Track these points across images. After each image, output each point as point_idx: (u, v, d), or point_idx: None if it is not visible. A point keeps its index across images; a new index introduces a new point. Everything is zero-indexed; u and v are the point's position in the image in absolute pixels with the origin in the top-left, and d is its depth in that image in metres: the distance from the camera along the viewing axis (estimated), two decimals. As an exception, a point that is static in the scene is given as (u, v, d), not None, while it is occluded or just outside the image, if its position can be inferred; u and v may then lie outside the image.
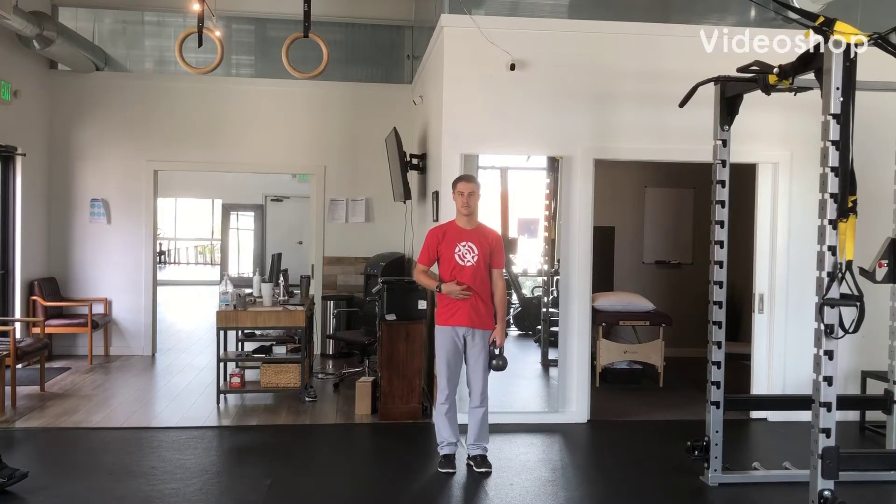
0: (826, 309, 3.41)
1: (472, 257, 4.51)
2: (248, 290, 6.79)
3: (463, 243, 4.52)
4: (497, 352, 4.56)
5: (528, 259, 8.99)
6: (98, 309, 8.12)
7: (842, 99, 3.38)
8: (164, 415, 5.94)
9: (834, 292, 3.42)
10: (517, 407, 6.16)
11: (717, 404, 4.47)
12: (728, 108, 4.47)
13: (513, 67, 5.56)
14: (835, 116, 3.39)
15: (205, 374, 7.25)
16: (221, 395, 6.20)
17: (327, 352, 8.46)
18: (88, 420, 5.67)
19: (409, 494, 4.31)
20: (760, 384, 5.97)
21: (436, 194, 6.01)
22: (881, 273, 3.95)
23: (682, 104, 4.46)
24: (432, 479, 4.53)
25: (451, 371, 4.59)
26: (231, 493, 4.27)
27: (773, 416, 5.94)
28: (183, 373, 7.43)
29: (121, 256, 8.21)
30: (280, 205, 16.10)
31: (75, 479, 4.44)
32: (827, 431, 3.42)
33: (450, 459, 4.62)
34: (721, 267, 4.49)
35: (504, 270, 4.69)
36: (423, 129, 7.16)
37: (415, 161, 7.01)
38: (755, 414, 6.01)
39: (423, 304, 5.76)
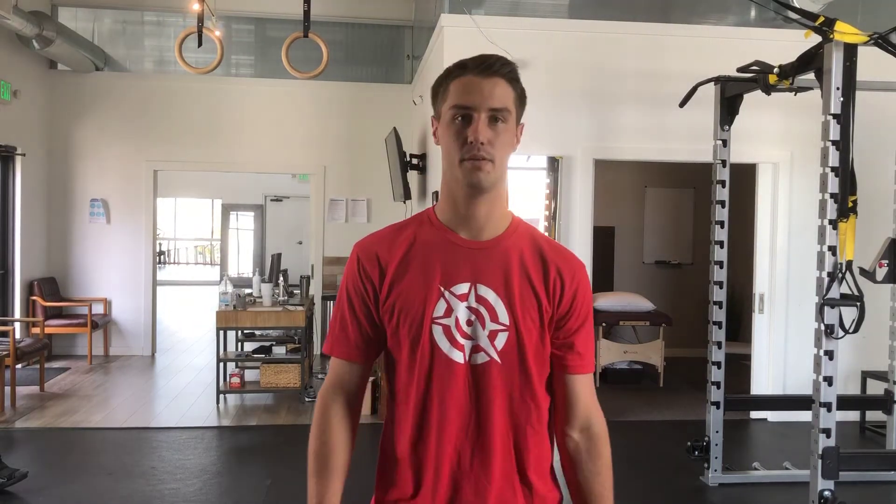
0: (826, 309, 3.41)
1: (486, 338, 1.41)
2: (247, 291, 6.79)
3: (461, 287, 1.41)
4: None
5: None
6: (98, 309, 8.12)
7: (842, 99, 3.38)
8: (164, 415, 5.94)
9: (834, 292, 3.42)
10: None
11: (717, 404, 4.47)
12: (728, 108, 4.47)
13: (513, 67, 5.55)
14: (835, 116, 3.39)
15: (204, 375, 7.25)
16: (221, 396, 6.20)
17: (327, 352, 8.44)
18: (88, 420, 5.66)
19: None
20: (760, 384, 5.96)
21: (436, 194, 6.01)
22: (881, 273, 3.94)
23: (682, 104, 4.47)
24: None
25: None
26: (231, 493, 4.27)
27: (773, 416, 5.94)
28: (182, 373, 7.43)
29: (120, 256, 8.21)
30: (280, 205, 16.10)
31: (75, 479, 4.44)
32: (827, 431, 3.42)
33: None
34: (721, 267, 4.49)
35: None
36: (423, 129, 7.16)
37: (415, 161, 7.01)
38: (755, 414, 6.00)
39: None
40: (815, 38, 3.48)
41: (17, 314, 7.45)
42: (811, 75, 3.65)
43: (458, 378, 1.40)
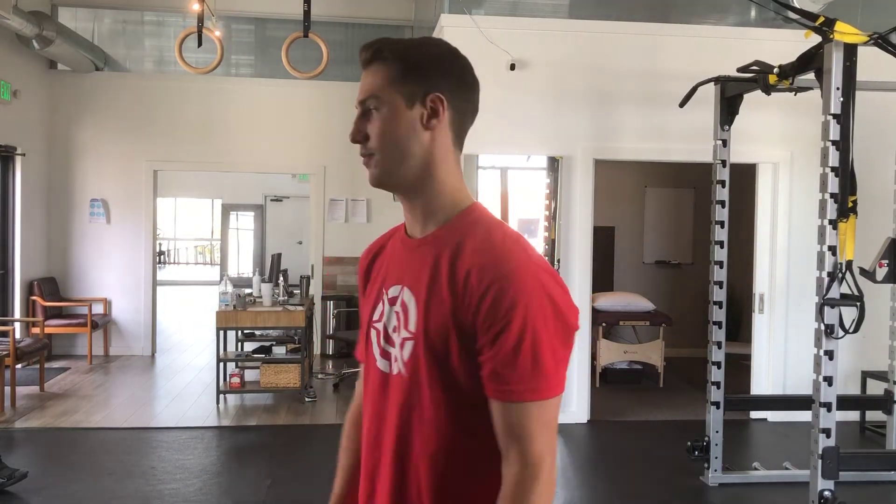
0: (826, 309, 3.41)
1: (398, 347, 1.23)
2: (247, 291, 6.79)
3: (394, 289, 1.27)
4: None
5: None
6: (98, 309, 8.11)
7: (842, 99, 3.38)
8: (164, 415, 5.94)
9: (834, 292, 3.42)
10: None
11: (717, 404, 4.47)
12: (728, 108, 4.47)
13: (513, 67, 5.56)
14: (835, 116, 3.39)
15: (204, 375, 7.25)
16: (221, 396, 6.20)
17: (327, 352, 8.45)
18: (88, 420, 5.66)
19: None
20: (760, 384, 5.96)
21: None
22: (881, 273, 3.95)
23: (682, 104, 4.47)
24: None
25: None
26: (231, 493, 4.27)
27: (773, 416, 5.94)
28: (183, 373, 7.43)
29: (120, 256, 8.21)
30: (280, 205, 16.10)
31: (75, 479, 4.44)
32: (827, 431, 3.42)
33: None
34: (721, 267, 4.49)
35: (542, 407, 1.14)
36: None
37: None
38: (755, 414, 6.00)
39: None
40: (815, 38, 3.48)
41: (17, 314, 7.45)
42: (811, 75, 3.65)
43: (381, 389, 1.25)
